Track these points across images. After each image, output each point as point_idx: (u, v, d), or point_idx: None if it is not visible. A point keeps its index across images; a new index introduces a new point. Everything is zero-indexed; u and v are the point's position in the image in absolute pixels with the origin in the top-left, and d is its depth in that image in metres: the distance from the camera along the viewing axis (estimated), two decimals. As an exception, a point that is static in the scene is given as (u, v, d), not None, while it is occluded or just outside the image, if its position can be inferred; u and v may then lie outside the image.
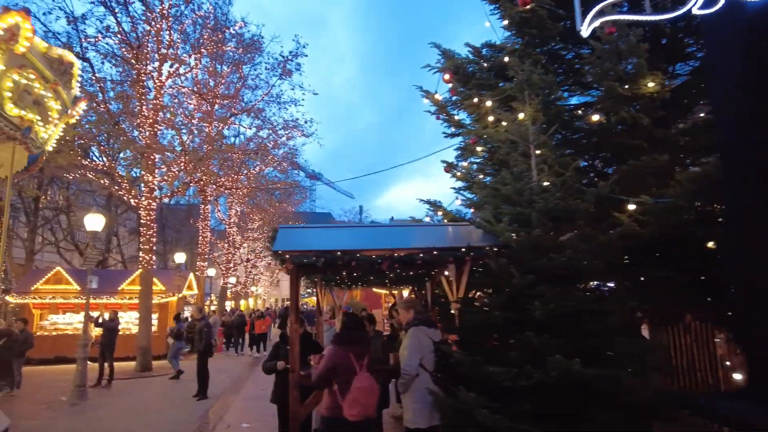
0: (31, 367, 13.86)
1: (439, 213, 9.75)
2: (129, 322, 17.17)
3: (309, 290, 32.08)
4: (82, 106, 7.55)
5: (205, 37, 17.15)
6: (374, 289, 18.51)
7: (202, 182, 18.93)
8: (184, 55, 16.79)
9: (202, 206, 23.11)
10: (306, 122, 21.97)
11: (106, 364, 12.59)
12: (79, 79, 7.30)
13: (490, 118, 8.65)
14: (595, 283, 6.20)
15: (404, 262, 4.61)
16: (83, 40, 14.55)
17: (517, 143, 5.91)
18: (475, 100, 9.18)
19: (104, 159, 15.32)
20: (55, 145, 7.58)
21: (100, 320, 12.86)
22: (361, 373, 3.87)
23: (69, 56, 6.53)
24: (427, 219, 10.49)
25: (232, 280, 28.39)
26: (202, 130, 18.54)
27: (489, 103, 7.73)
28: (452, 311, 5.54)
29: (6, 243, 12.05)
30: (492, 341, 5.09)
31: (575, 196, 5.22)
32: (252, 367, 15.63)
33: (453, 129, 10.48)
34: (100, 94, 14.31)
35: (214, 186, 20.75)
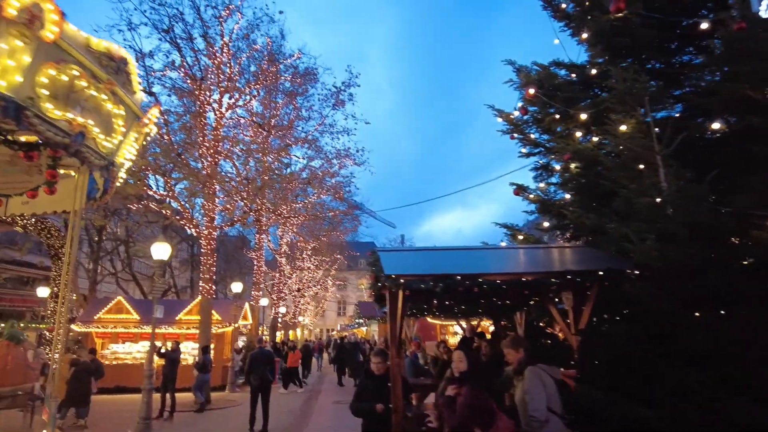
0: (93, 396, 13.82)
1: (520, 237, 9.14)
2: (186, 352, 17.07)
3: (359, 321, 31.55)
4: (155, 112, 6.61)
5: (263, 68, 17.46)
6: (429, 319, 17.82)
7: (259, 211, 18.99)
8: (243, 87, 17.11)
9: (257, 236, 23.22)
10: (357, 151, 22.00)
11: (167, 396, 12.37)
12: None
13: (578, 134, 8.08)
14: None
15: (532, 287, 4.04)
16: (150, 74, 15.02)
17: (636, 156, 5.31)
18: (557, 116, 8.68)
19: (166, 189, 15.56)
20: (129, 160, 6.93)
21: (163, 350, 12.74)
22: (501, 415, 3.30)
23: (119, 50, 5.63)
24: (503, 244, 9.89)
25: (282, 309, 28.22)
26: (259, 160, 18.72)
27: (584, 116, 7.17)
28: (569, 344, 4.91)
29: (73, 273, 12.24)
30: (625, 376, 4.40)
31: (708, 213, 4.57)
32: (310, 400, 15.10)
33: (528, 148, 9.96)
34: (164, 126, 14.66)
35: (269, 215, 20.79)
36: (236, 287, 18.59)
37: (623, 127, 6.35)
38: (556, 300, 4.92)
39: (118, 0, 14.77)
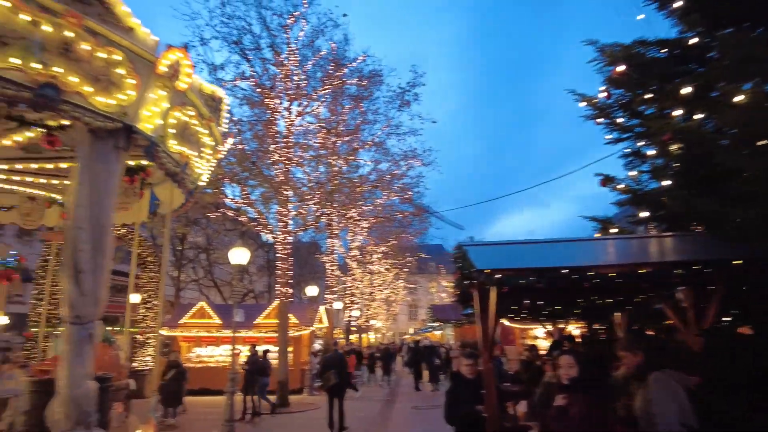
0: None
1: (613, 230, 8.37)
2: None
3: (432, 324, 31.06)
4: (230, 141, 7.64)
5: (329, 73, 17.60)
6: (505, 323, 17.04)
7: (330, 215, 19.16)
8: (311, 93, 17.32)
9: (329, 240, 23.50)
10: (425, 151, 21.65)
11: (249, 398, 12.63)
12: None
13: (677, 112, 7.25)
14: None
15: (650, 279, 3.50)
16: (222, 85, 15.55)
17: (755, 131, 4.56)
18: (648, 96, 7.87)
19: (242, 196, 16.04)
20: (205, 182, 7.76)
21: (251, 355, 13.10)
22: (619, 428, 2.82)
23: (220, 92, 6.64)
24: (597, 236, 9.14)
25: (356, 313, 28.38)
26: (329, 164, 18.88)
27: (686, 91, 6.38)
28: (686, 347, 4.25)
29: (162, 279, 12.86)
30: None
31: None
32: (387, 405, 14.88)
33: (615, 134, 9.15)
34: (238, 136, 15.13)
35: (339, 219, 20.95)
36: (311, 291, 18.83)
37: (739, 98, 5.54)
38: (670, 296, 4.28)
39: (191, 18, 15.46)
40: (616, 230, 8.42)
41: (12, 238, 20.35)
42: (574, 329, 13.98)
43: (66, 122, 5.31)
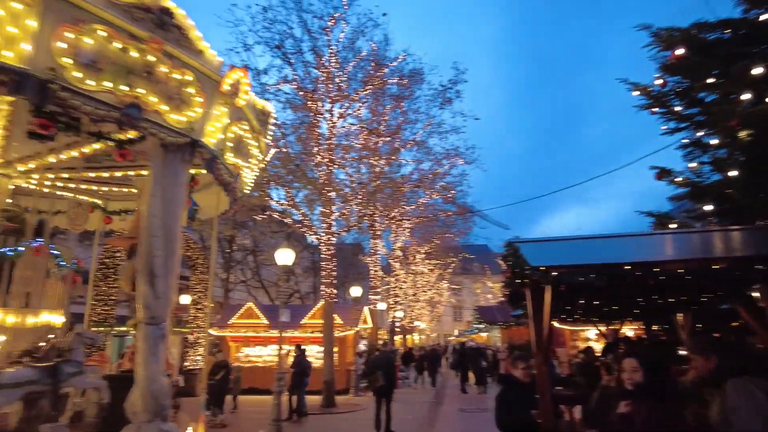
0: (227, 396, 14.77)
1: (671, 225, 7.87)
2: (311, 355, 17.64)
3: (478, 326, 30.51)
4: (272, 152, 8.18)
5: (370, 74, 17.61)
6: (555, 324, 16.44)
7: (372, 216, 19.15)
8: (352, 94, 17.37)
9: (372, 241, 23.52)
10: (468, 149, 21.30)
11: (295, 398, 12.74)
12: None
13: (746, 96, 6.72)
14: None
15: (725, 276, 3.18)
16: (266, 90, 15.82)
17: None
18: (710, 81, 7.36)
19: (286, 199, 16.26)
20: (249, 190, 8.13)
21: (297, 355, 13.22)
22: None
23: (269, 107, 7.18)
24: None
25: (399, 314, 28.27)
26: (372, 164, 18.89)
27: (761, 70, 5.88)
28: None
29: (211, 280, 13.21)
30: None
31: None
32: (434, 407, 14.67)
33: (673, 123, 8.63)
34: (282, 139, 15.34)
35: (383, 219, 20.91)
36: (355, 291, 18.86)
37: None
38: (744, 295, 3.90)
39: (234, 24, 15.82)
40: (675, 225, 7.92)
41: (74, 242, 21.47)
42: (628, 330, 13.30)
43: (132, 135, 5.78)
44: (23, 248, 5.97)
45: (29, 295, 6.99)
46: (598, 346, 11.47)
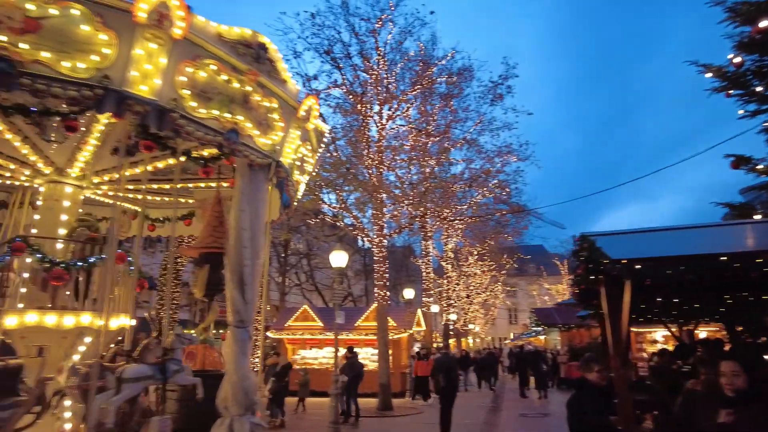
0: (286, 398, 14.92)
1: (755, 216, 7.23)
2: (366, 358, 17.64)
3: (535, 328, 29.56)
4: (318, 161, 8.95)
5: (418, 74, 17.49)
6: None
7: (424, 217, 18.98)
8: (401, 95, 17.30)
9: (423, 242, 23.33)
10: (521, 146, 20.71)
11: (349, 400, 12.73)
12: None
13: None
14: None
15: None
16: (317, 94, 16.01)
17: None
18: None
19: (338, 202, 16.38)
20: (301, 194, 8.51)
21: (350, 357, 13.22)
22: None
23: (326, 128, 7.93)
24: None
25: (453, 316, 27.84)
26: (423, 164, 18.73)
27: None
28: None
29: (265, 284, 13.47)
30: None
31: None
32: (493, 412, 14.27)
33: (753, 106, 7.94)
34: (332, 143, 15.47)
35: (434, 220, 20.67)
36: (408, 293, 18.72)
37: None
38: None
39: (284, 32, 16.14)
40: (759, 216, 7.28)
41: (139, 249, 22.58)
42: (702, 332, 12.38)
43: (214, 153, 6.47)
44: (105, 256, 6.53)
45: (109, 300, 7.56)
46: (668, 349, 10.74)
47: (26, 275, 6.44)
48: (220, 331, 16.11)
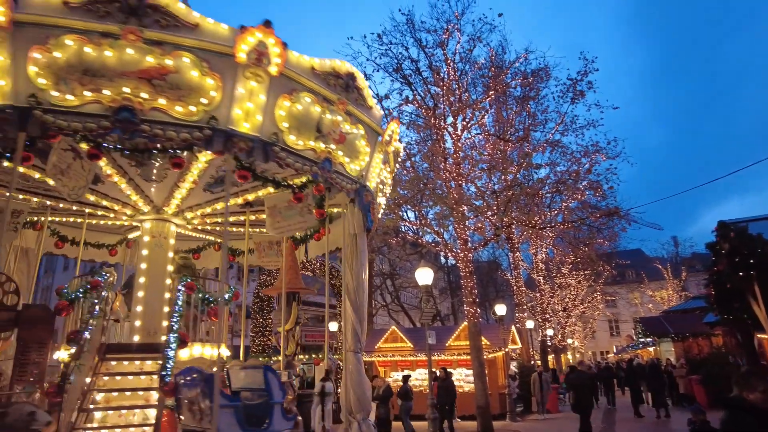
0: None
1: None
2: (460, 379, 16.90)
3: (642, 340, 26.86)
4: (394, 180, 9.78)
5: (491, 79, 16.94)
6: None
7: (510, 226, 18.07)
8: (474, 103, 16.79)
9: (510, 255, 22.28)
10: (609, 143, 19.20)
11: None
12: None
13: None
14: None
15: None
16: (388, 114, 15.96)
17: None
18: None
19: (418, 218, 16.05)
20: (384, 199, 8.48)
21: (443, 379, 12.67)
22: None
23: (400, 147, 8.30)
24: None
25: (549, 332, 26.19)
26: (504, 172, 17.96)
27: None
28: None
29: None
30: None
31: None
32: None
33: None
34: (408, 159, 15.26)
35: (520, 230, 19.66)
36: (500, 309, 17.78)
37: None
38: None
39: (353, 57, 16.34)
40: None
41: (232, 279, 23.69)
42: None
43: (303, 180, 6.75)
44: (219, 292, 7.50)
45: (211, 331, 8.40)
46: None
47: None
48: (313, 356, 16.28)
